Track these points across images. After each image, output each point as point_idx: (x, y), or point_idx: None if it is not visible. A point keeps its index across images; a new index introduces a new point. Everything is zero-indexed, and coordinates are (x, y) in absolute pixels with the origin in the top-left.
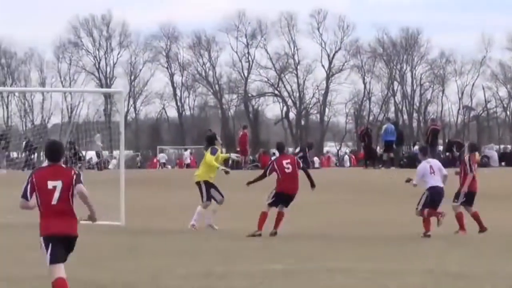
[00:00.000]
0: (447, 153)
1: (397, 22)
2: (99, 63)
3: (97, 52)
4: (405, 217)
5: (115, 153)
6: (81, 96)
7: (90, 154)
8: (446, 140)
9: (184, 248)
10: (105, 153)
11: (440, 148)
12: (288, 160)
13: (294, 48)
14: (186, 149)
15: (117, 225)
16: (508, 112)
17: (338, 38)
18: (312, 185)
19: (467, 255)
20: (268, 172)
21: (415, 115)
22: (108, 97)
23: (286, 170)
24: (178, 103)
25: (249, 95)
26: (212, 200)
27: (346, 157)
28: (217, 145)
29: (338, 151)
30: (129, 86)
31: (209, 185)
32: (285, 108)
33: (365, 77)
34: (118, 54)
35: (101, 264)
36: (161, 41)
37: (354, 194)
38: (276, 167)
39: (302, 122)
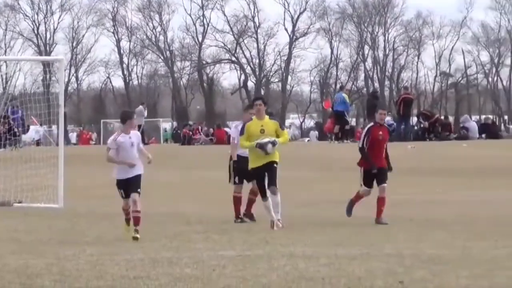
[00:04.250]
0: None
1: None
2: (37, 28)
3: (35, 16)
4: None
5: (54, 128)
6: (17, 65)
7: (30, 130)
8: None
9: (128, 233)
10: (43, 128)
11: (415, 119)
12: None
13: (254, 10)
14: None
15: (55, 207)
16: (490, 79)
17: None
18: None
19: (440, 239)
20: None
21: (387, 82)
22: (47, 65)
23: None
24: (125, 72)
25: (204, 62)
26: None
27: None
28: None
29: (301, 123)
30: (70, 53)
31: None
32: (243, 76)
33: (333, 41)
34: (59, 18)
35: (37, 249)
36: (107, 2)
37: (322, 171)
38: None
39: (262, 92)
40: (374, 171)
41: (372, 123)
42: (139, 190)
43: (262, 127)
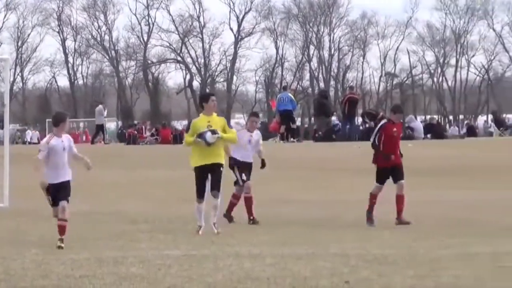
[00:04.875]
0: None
1: None
2: None
3: None
4: (327, 197)
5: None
6: None
7: None
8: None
9: (73, 233)
10: None
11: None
12: None
13: (199, 9)
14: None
15: (0, 206)
16: (435, 79)
17: None
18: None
19: (387, 239)
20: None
21: (332, 82)
22: None
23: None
24: (70, 71)
25: (149, 62)
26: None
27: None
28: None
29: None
30: (16, 52)
31: None
32: (188, 76)
33: (278, 41)
34: (4, 17)
35: None
36: (52, 2)
37: (268, 170)
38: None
39: (207, 91)
40: (392, 157)
41: (385, 120)
42: (68, 198)
43: (209, 123)
